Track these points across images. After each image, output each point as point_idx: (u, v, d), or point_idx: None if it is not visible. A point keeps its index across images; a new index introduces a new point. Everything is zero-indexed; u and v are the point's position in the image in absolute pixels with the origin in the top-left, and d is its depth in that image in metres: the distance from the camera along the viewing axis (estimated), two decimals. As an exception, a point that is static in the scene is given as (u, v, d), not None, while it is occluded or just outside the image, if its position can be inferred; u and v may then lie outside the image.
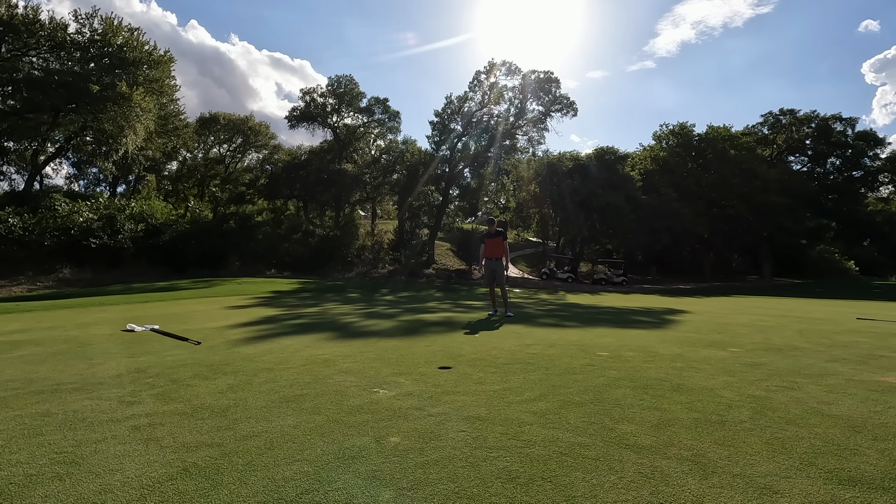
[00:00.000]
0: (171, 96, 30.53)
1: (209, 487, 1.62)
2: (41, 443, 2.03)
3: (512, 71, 34.34)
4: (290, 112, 37.83)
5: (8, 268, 19.44)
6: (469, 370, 3.50)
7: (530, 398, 2.74)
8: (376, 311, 8.80)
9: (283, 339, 4.97)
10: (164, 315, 7.73)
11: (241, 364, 3.66)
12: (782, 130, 42.43)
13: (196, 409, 2.52)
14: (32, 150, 28.35)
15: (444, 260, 37.13)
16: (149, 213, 26.30)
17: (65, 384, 3.05)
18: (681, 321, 7.68)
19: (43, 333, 5.62)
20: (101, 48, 25.40)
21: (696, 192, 36.41)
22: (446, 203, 37.88)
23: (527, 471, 1.76)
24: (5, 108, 24.60)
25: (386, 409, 2.52)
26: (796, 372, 3.54)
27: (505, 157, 36.48)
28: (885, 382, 3.23)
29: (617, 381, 3.17)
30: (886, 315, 9.82)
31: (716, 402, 2.70)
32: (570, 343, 4.88)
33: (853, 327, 6.95)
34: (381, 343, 4.79)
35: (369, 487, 1.62)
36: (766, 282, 36.97)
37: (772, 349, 4.66)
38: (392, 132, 39.78)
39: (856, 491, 1.62)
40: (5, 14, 22.89)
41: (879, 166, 41.52)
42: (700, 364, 3.82)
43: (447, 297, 15.03)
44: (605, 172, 35.44)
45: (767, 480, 1.70)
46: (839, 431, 2.22)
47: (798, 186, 37.25)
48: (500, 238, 8.00)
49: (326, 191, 35.68)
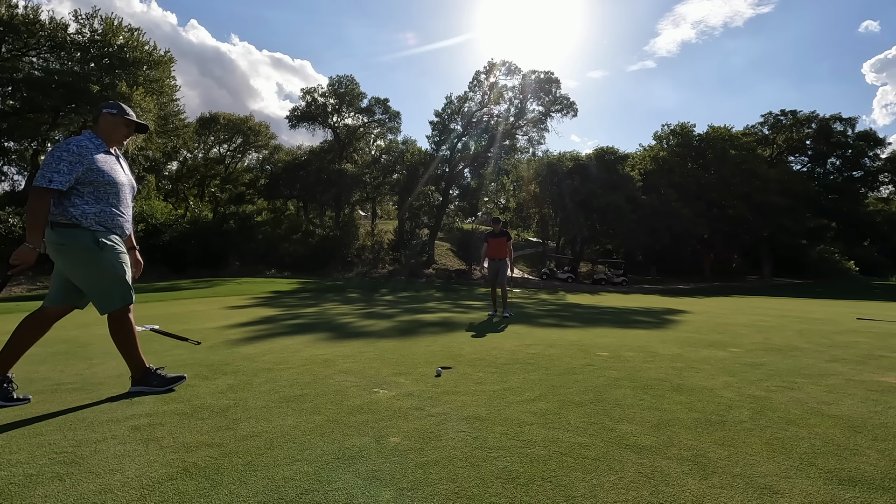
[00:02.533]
0: (172, 96, 30.55)
1: (209, 487, 1.62)
2: (41, 443, 2.03)
3: (512, 71, 34.38)
4: (290, 112, 37.87)
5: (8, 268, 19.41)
6: (469, 370, 3.50)
7: (530, 398, 2.74)
8: (376, 311, 8.80)
9: (283, 339, 4.97)
10: (164, 315, 7.73)
11: (241, 364, 3.66)
12: (782, 130, 42.43)
13: (196, 409, 2.52)
14: (32, 150, 28.35)
15: (444, 260, 37.14)
16: (149, 213, 26.32)
17: (65, 384, 3.05)
18: (681, 321, 7.68)
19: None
20: (101, 48, 25.42)
21: (696, 192, 36.40)
22: (446, 203, 37.88)
23: (527, 471, 1.76)
24: (5, 108, 24.61)
25: (386, 409, 2.52)
26: (796, 372, 3.54)
27: (505, 157, 36.49)
28: (885, 382, 3.23)
29: (617, 382, 3.17)
30: (886, 315, 9.82)
31: (716, 402, 2.70)
32: (570, 343, 4.88)
33: (853, 327, 6.95)
34: (381, 343, 4.79)
35: (369, 487, 1.62)
36: (766, 282, 36.96)
37: (772, 349, 4.66)
38: (392, 132, 39.83)
39: (856, 491, 1.62)
40: (5, 14, 22.90)
41: (879, 166, 41.54)
42: (700, 364, 3.82)
43: (447, 297, 15.03)
44: (605, 172, 35.43)
45: (767, 480, 1.70)
46: (839, 431, 2.22)
47: (798, 186, 37.24)
48: (504, 238, 7.90)
49: (326, 191, 35.69)
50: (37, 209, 2.46)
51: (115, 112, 2.74)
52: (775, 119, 42.30)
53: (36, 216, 2.46)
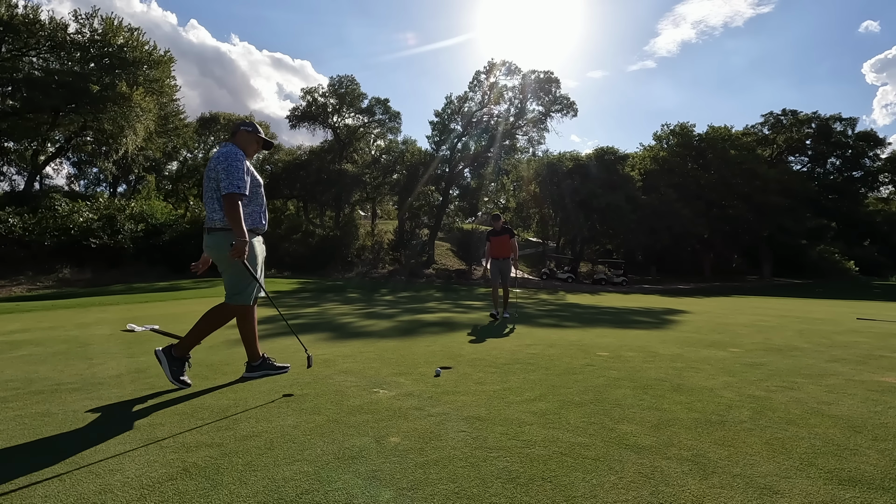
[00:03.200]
0: (172, 96, 30.53)
1: (209, 487, 1.62)
2: (41, 443, 2.03)
3: (512, 71, 34.34)
4: (291, 112, 37.85)
5: (8, 268, 19.44)
6: (469, 370, 3.50)
7: (530, 398, 2.74)
8: (376, 311, 8.80)
9: (283, 339, 4.97)
10: (165, 315, 7.73)
11: (241, 364, 3.65)
12: (782, 131, 42.43)
13: (196, 409, 2.52)
14: (32, 150, 28.34)
15: (444, 260, 37.13)
16: (149, 213, 26.28)
17: (65, 384, 3.05)
18: (681, 321, 7.67)
19: (43, 333, 5.62)
20: (101, 48, 25.40)
21: (696, 192, 36.40)
22: (446, 203, 37.86)
23: (527, 471, 1.76)
24: (5, 108, 24.59)
25: (386, 409, 2.52)
26: (796, 372, 3.54)
27: (505, 157, 36.46)
28: (885, 382, 3.23)
29: (617, 382, 3.17)
30: (886, 315, 9.82)
31: (716, 402, 2.70)
32: (570, 343, 4.88)
33: (853, 327, 6.95)
34: (381, 343, 4.79)
35: (369, 487, 1.62)
36: (766, 282, 36.96)
37: (772, 349, 4.66)
38: (392, 132, 39.79)
39: (856, 491, 1.62)
40: (5, 14, 22.89)
41: (879, 166, 41.54)
42: (700, 364, 3.82)
43: (447, 297, 15.03)
44: (605, 172, 35.41)
45: (767, 480, 1.70)
46: (839, 431, 2.22)
47: (798, 186, 37.24)
48: (506, 235, 7.43)
49: (326, 191, 35.68)
50: (234, 211, 2.88)
51: (251, 130, 3.20)
52: (775, 119, 42.30)
53: (235, 217, 2.87)
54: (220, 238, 2.98)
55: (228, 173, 2.90)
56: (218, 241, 2.98)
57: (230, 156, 2.96)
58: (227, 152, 2.98)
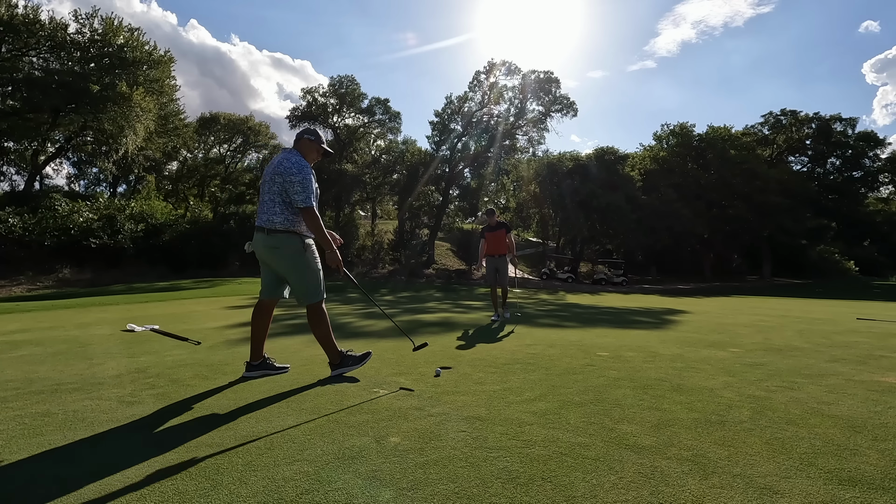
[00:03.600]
0: (172, 96, 30.53)
1: (209, 487, 1.62)
2: (41, 443, 2.03)
3: (512, 71, 34.36)
4: (291, 112, 37.85)
5: (8, 268, 19.45)
6: (469, 370, 3.50)
7: (530, 398, 2.74)
8: (376, 311, 8.79)
9: (284, 339, 4.97)
10: (165, 315, 7.73)
11: (241, 364, 3.65)
12: (782, 131, 42.43)
13: (196, 409, 2.52)
14: (32, 150, 28.34)
15: (444, 260, 37.15)
16: (149, 214, 26.28)
17: (65, 384, 3.05)
18: (681, 321, 7.68)
19: (43, 333, 5.62)
20: (101, 48, 25.40)
21: (696, 192, 36.40)
22: (446, 203, 37.87)
23: (527, 471, 1.76)
24: (5, 108, 24.58)
25: (386, 409, 2.52)
26: (796, 372, 3.54)
27: (505, 157, 36.47)
28: (885, 382, 3.23)
29: (617, 382, 3.17)
30: (886, 315, 9.82)
31: (716, 402, 2.70)
32: (570, 343, 4.88)
33: (853, 327, 6.95)
34: (381, 343, 4.79)
35: (369, 487, 1.62)
36: (766, 282, 36.96)
37: (772, 349, 4.66)
38: (392, 132, 39.80)
39: (856, 491, 1.62)
40: (5, 14, 22.88)
41: (879, 166, 41.55)
42: (700, 364, 3.82)
43: (447, 297, 15.03)
44: (606, 172, 35.41)
45: (767, 480, 1.70)
46: (839, 431, 2.22)
47: (798, 186, 37.25)
48: (502, 231, 7.10)
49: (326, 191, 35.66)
50: (316, 222, 3.05)
51: (314, 139, 3.28)
52: (775, 119, 42.30)
53: (319, 228, 3.06)
54: (284, 239, 3.05)
55: (304, 186, 3.00)
56: (282, 242, 3.05)
57: (304, 168, 3.05)
58: (301, 164, 3.06)
